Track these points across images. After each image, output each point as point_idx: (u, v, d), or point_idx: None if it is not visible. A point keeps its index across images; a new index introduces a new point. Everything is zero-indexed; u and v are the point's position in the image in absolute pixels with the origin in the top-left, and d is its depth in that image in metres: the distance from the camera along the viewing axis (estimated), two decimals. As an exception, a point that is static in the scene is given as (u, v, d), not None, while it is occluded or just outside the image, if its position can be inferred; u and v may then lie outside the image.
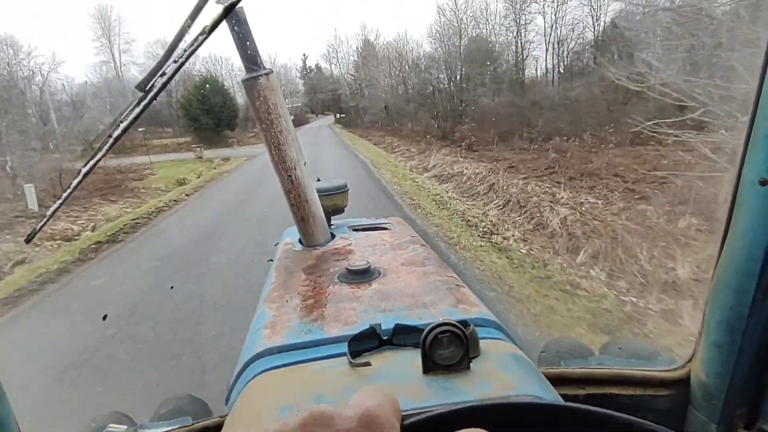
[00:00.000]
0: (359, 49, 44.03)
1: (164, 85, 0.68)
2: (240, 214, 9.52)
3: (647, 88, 5.02)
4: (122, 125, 0.65)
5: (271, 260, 1.51)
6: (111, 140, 0.66)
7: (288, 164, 1.36)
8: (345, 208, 1.76)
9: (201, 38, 0.66)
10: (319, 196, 1.49)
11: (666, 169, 7.01)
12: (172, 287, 5.35)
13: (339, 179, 1.76)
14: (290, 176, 1.37)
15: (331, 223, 1.73)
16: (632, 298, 4.30)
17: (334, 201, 1.69)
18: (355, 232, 1.62)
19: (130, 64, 43.24)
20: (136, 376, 3.49)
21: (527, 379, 0.66)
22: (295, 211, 1.42)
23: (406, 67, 31.74)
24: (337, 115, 54.33)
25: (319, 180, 1.73)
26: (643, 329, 3.75)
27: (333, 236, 1.54)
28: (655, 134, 5.42)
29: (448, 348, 0.66)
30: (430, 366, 0.66)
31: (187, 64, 0.69)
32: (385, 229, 1.67)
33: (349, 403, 0.31)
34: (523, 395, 0.60)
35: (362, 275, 1.12)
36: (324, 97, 61.40)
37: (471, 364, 0.67)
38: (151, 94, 0.68)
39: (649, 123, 5.14)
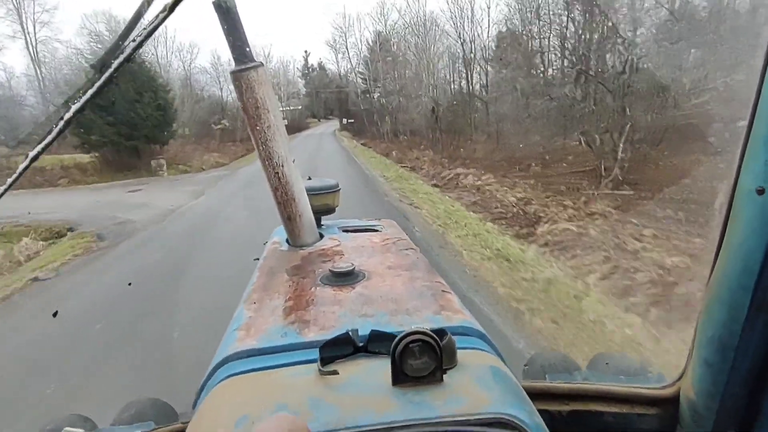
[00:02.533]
0: (368, 41, 31.93)
1: (121, 65, 0.64)
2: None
3: None
4: (74, 107, 0.62)
5: (257, 259, 1.48)
6: (62, 123, 0.62)
7: (275, 161, 1.33)
8: (336, 209, 1.73)
9: (162, 15, 0.63)
10: (309, 195, 1.45)
11: None
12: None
13: (330, 178, 1.73)
14: (277, 173, 1.34)
15: (321, 223, 1.69)
16: None
17: (325, 201, 1.65)
18: (345, 233, 1.59)
19: (50, 40, 28.96)
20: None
21: (504, 394, 0.62)
22: (281, 209, 1.39)
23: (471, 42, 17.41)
24: (344, 120, 44.16)
25: (310, 179, 1.70)
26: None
27: (322, 237, 1.51)
28: None
29: (420, 358, 0.62)
30: (399, 377, 0.62)
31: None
32: (376, 230, 1.64)
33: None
34: (496, 413, 0.56)
35: (346, 278, 1.08)
36: (328, 97, 53.42)
37: (445, 377, 0.63)
38: (106, 74, 0.65)
39: None
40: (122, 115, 18.31)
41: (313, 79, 57.59)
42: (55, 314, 4.06)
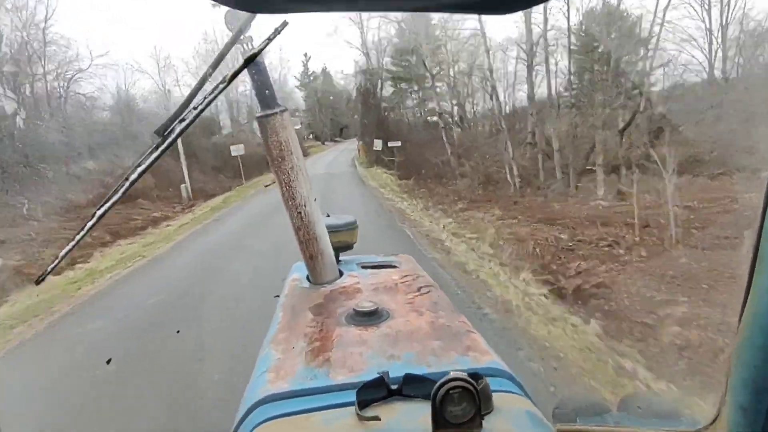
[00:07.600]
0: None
1: (182, 130, 0.69)
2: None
3: None
4: (139, 169, 0.66)
5: (278, 296, 1.50)
6: (127, 183, 0.67)
7: (298, 201, 1.36)
8: (354, 245, 1.75)
9: (221, 86, 0.68)
10: (328, 232, 1.48)
11: None
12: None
13: (348, 215, 1.76)
14: (300, 213, 1.37)
15: (339, 259, 1.71)
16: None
17: (343, 238, 1.68)
18: (363, 270, 1.60)
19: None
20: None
21: None
22: (303, 248, 1.42)
23: None
24: (378, 144, 19.64)
25: (328, 216, 1.73)
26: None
27: (341, 273, 1.52)
28: None
29: (459, 404, 0.63)
30: (440, 423, 0.63)
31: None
32: (394, 267, 1.65)
33: None
34: None
35: (370, 317, 1.09)
36: (338, 109, 36.44)
37: (483, 422, 0.64)
38: (170, 139, 0.69)
39: None
40: None
41: (316, 89, 41.68)
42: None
